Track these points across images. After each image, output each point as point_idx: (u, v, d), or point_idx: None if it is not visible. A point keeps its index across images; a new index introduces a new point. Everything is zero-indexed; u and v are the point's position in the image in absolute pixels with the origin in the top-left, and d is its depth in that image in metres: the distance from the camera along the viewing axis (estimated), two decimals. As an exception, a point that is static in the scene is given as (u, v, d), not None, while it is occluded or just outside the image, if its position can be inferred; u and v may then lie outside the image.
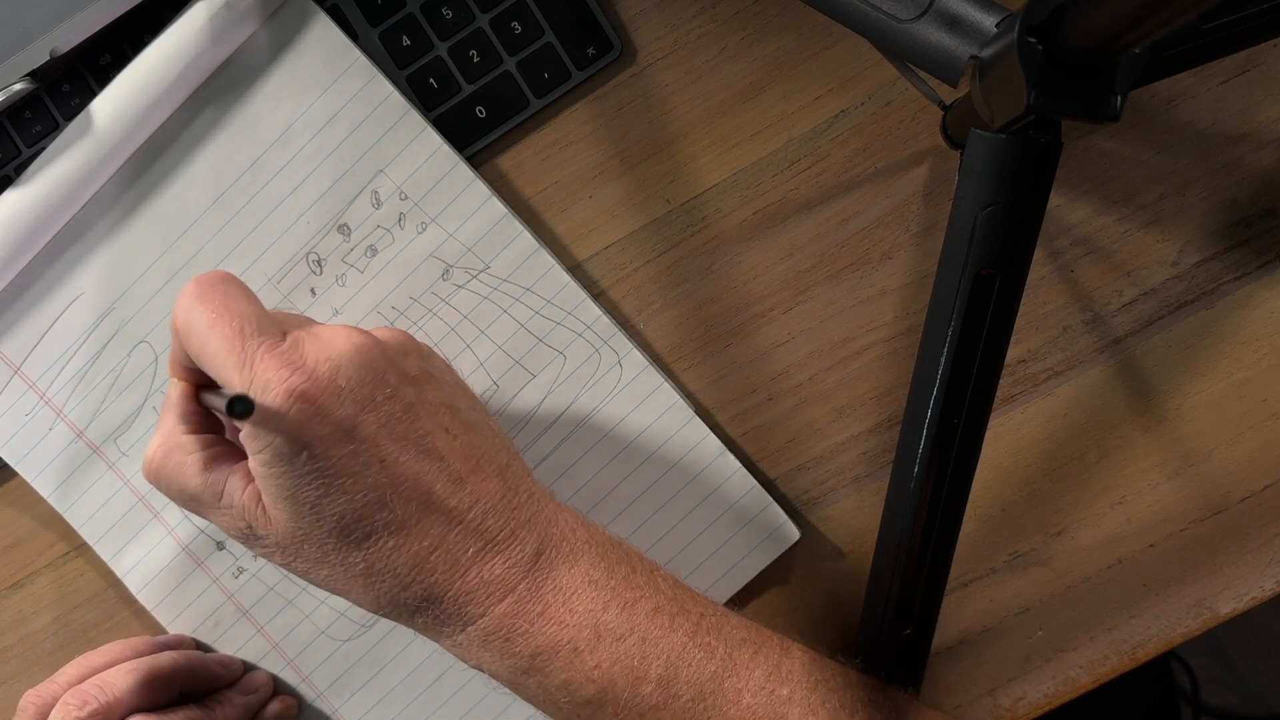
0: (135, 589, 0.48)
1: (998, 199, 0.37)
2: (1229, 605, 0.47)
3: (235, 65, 0.45)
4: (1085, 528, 0.47)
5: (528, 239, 0.46)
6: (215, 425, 0.40)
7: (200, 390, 0.40)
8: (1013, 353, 0.46)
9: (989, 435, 0.41)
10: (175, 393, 0.40)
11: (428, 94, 0.46)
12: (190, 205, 0.46)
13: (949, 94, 0.44)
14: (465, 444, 0.38)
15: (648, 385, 0.47)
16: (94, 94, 0.44)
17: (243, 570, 0.48)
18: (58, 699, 0.43)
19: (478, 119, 0.46)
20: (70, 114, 0.46)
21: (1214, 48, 0.41)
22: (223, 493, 0.38)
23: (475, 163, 0.46)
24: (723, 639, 0.40)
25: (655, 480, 0.47)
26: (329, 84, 0.45)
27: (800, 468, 0.47)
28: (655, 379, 0.47)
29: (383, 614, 0.39)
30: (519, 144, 0.47)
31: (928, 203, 0.46)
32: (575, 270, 0.47)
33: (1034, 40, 0.32)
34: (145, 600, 0.48)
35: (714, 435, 0.47)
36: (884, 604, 0.43)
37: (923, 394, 0.40)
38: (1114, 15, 0.28)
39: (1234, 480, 0.47)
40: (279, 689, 0.48)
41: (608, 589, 0.39)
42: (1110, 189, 0.46)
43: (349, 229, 0.46)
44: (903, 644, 0.44)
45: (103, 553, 0.48)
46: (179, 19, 0.44)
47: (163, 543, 0.47)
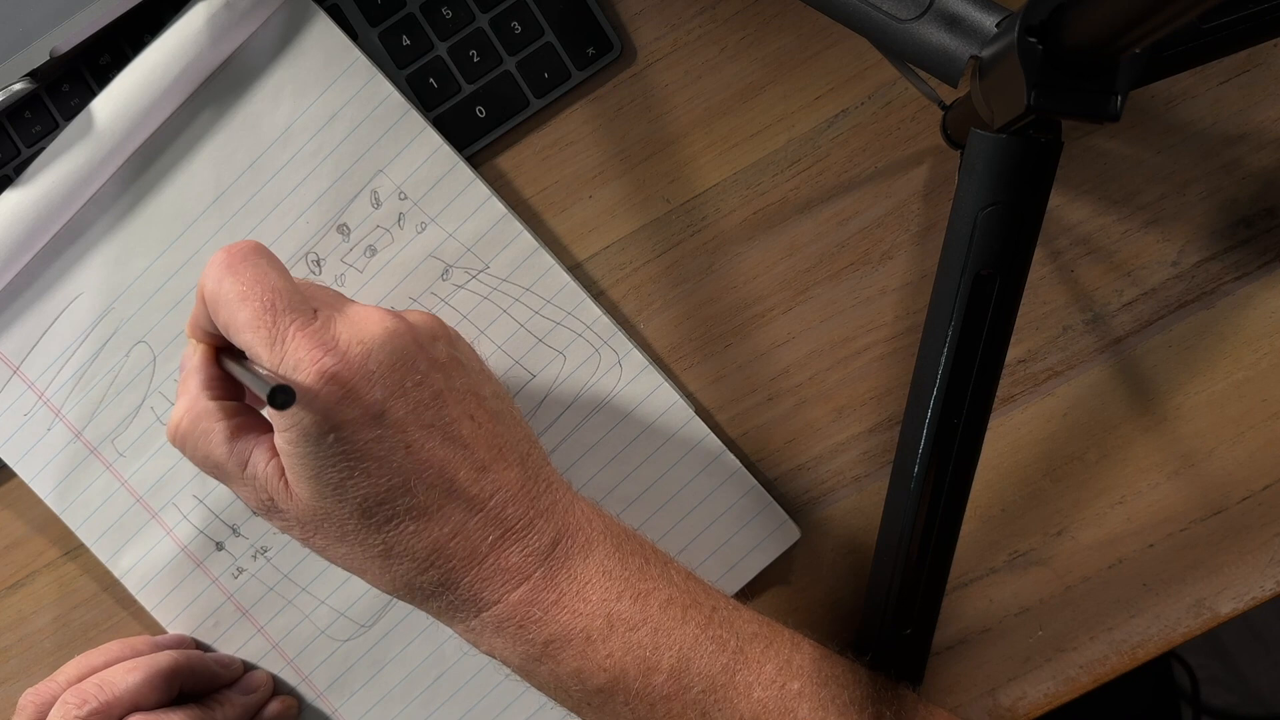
0: (134, 589, 0.48)
1: (998, 199, 0.37)
2: (1229, 605, 0.47)
3: (235, 65, 0.45)
4: (1085, 528, 0.47)
5: (527, 239, 0.46)
6: (237, 390, 0.40)
7: (221, 354, 0.39)
8: (1013, 353, 0.46)
9: (989, 435, 0.41)
10: (197, 357, 0.39)
11: (427, 94, 0.46)
12: (189, 205, 0.46)
13: (949, 94, 0.44)
14: (489, 432, 0.38)
15: (648, 385, 0.47)
16: (94, 94, 0.44)
17: (242, 570, 0.48)
18: (57, 698, 0.43)
19: (477, 119, 0.46)
20: (70, 114, 0.46)
21: (1214, 48, 0.41)
22: (247, 463, 0.38)
23: (475, 163, 0.46)
24: (734, 632, 0.40)
25: (655, 480, 0.47)
26: (329, 84, 0.45)
27: (800, 468, 0.47)
28: (655, 379, 0.46)
29: (397, 595, 0.39)
30: (519, 144, 0.47)
31: (928, 203, 0.46)
32: (575, 270, 0.47)
33: (1034, 40, 0.32)
34: (144, 600, 0.48)
35: (714, 435, 0.47)
36: (884, 604, 0.43)
37: (923, 394, 0.40)
38: (1114, 15, 0.28)
39: (1234, 480, 0.47)
40: (279, 689, 0.48)
41: (621, 579, 0.39)
42: (1110, 189, 0.46)
43: (348, 229, 0.46)
44: (903, 644, 0.44)
45: (100, 553, 0.48)
46: (179, 19, 0.44)
47: (161, 543, 0.47)
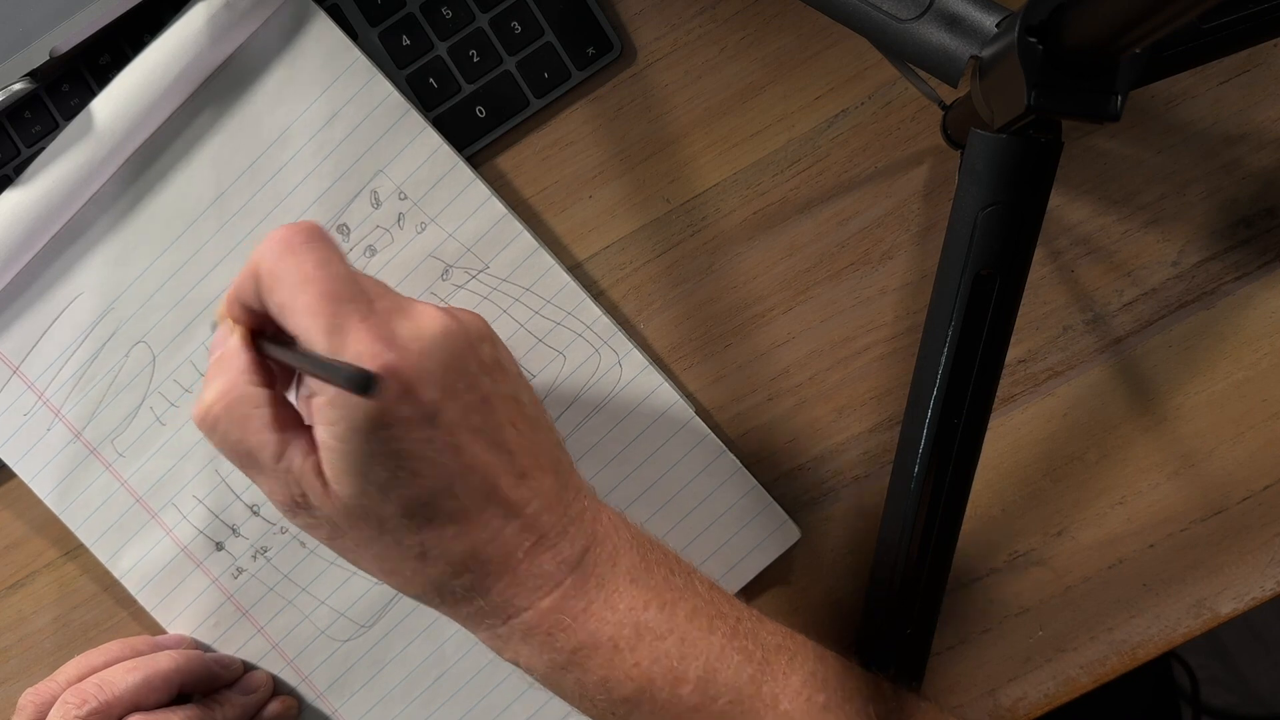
0: (134, 589, 0.48)
1: (998, 199, 0.37)
2: (1229, 605, 0.47)
3: (235, 65, 0.45)
4: (1085, 528, 0.47)
5: (527, 239, 0.46)
6: (272, 379, 0.38)
7: (259, 338, 0.38)
8: (1013, 353, 0.46)
9: (989, 435, 0.41)
10: (235, 338, 0.38)
11: (427, 94, 0.46)
12: (189, 205, 0.46)
13: (949, 94, 0.44)
14: (528, 439, 0.38)
15: (648, 385, 0.46)
16: (93, 94, 0.44)
17: (242, 570, 0.48)
18: (57, 697, 0.43)
19: (477, 119, 0.46)
20: (70, 114, 0.46)
21: (1214, 48, 0.41)
22: (282, 455, 0.36)
23: (475, 163, 0.46)
24: (760, 644, 0.40)
25: (655, 480, 0.47)
26: (329, 84, 0.45)
27: (800, 468, 0.47)
28: (655, 379, 0.46)
29: (424, 598, 0.38)
30: (519, 144, 0.47)
31: (928, 203, 0.46)
32: (575, 270, 0.47)
33: (1034, 40, 0.32)
34: (144, 601, 0.48)
35: (714, 435, 0.47)
36: (884, 604, 0.43)
37: (923, 394, 0.40)
38: (1114, 15, 0.28)
39: (1234, 480, 0.47)
40: (279, 689, 0.48)
41: (649, 588, 0.39)
42: (1110, 189, 0.46)
43: (348, 229, 0.46)
44: (903, 644, 0.44)
45: (100, 553, 0.47)
46: (179, 19, 0.44)
47: (161, 543, 0.47)
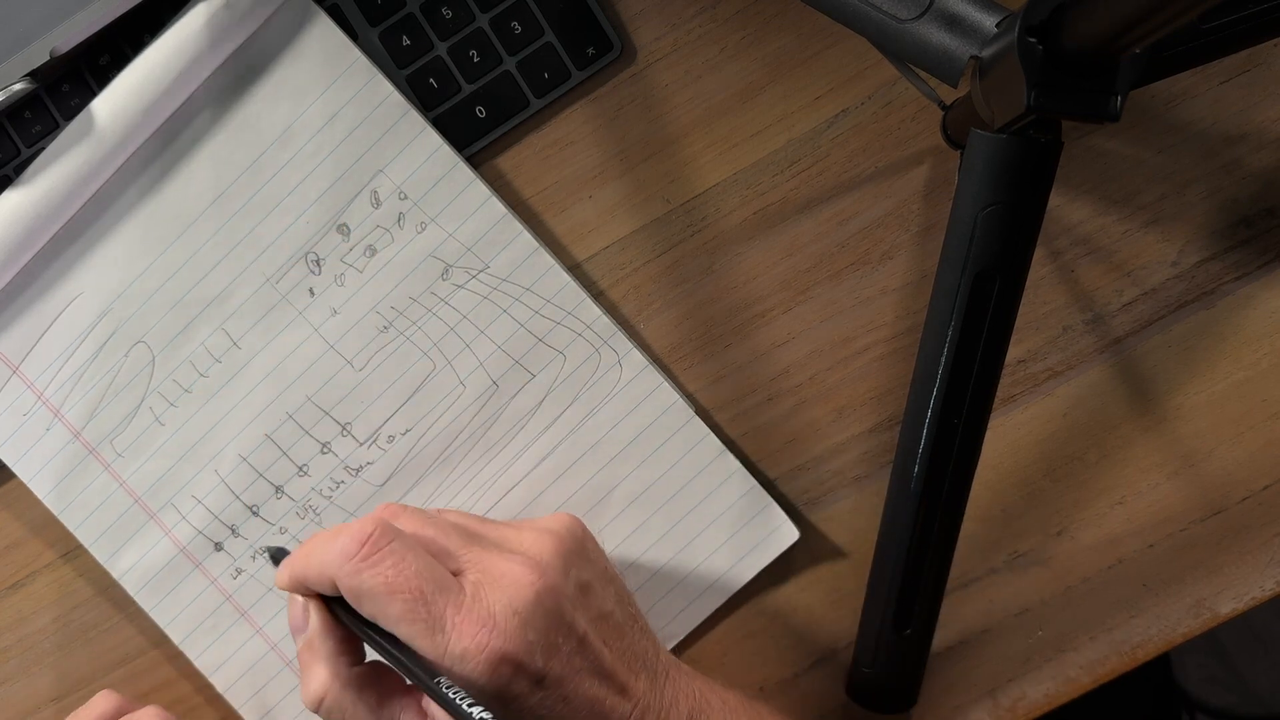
0: (133, 590, 0.48)
1: (998, 199, 0.37)
2: (1229, 605, 0.47)
3: (235, 65, 0.45)
4: (1085, 528, 0.47)
5: (527, 239, 0.46)
6: (359, 647, 0.40)
7: (332, 606, 0.39)
8: (1013, 353, 0.46)
9: (989, 435, 0.41)
10: (316, 619, 0.39)
11: (427, 94, 0.46)
12: (189, 205, 0.46)
13: (949, 94, 0.44)
14: (622, 651, 0.40)
15: (648, 385, 0.46)
16: (94, 94, 0.44)
17: (241, 571, 0.48)
18: None
19: (477, 119, 0.46)
20: (70, 114, 0.46)
21: (1214, 48, 0.41)
22: None
23: (475, 163, 0.46)
24: None
25: (655, 480, 0.47)
26: (329, 84, 0.45)
27: (800, 468, 0.47)
28: (655, 379, 0.46)
29: None
30: (519, 144, 0.47)
31: (928, 203, 0.46)
32: (575, 270, 0.47)
33: (1034, 40, 0.32)
34: (143, 601, 0.48)
35: (714, 435, 0.47)
36: (884, 604, 0.43)
37: (923, 394, 0.40)
38: (1114, 15, 0.28)
39: (1234, 480, 0.47)
40: (279, 690, 0.48)
41: None
42: (1110, 189, 0.46)
43: (348, 229, 0.46)
44: (903, 644, 0.44)
45: (98, 554, 0.47)
46: (179, 19, 0.43)
47: (160, 544, 0.47)
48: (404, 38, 0.45)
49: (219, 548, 0.48)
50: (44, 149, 0.44)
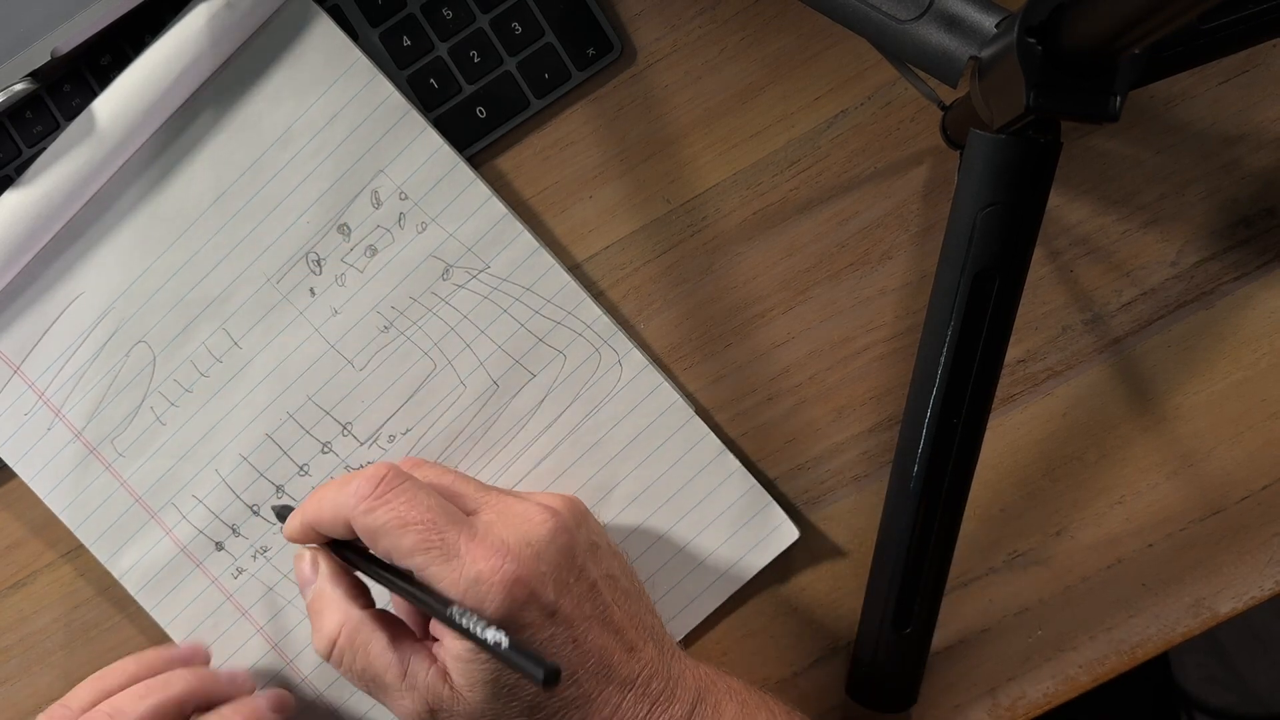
0: (133, 590, 0.48)
1: (997, 199, 0.37)
2: (1228, 605, 0.47)
3: (235, 65, 0.45)
4: (1085, 527, 0.47)
5: (528, 239, 0.46)
6: (367, 590, 0.41)
7: (340, 551, 0.40)
8: (1013, 353, 0.46)
9: (989, 435, 0.41)
10: (325, 565, 0.40)
11: (428, 94, 0.46)
12: (190, 205, 0.46)
13: (949, 94, 0.44)
14: (631, 613, 0.40)
15: (648, 385, 0.47)
16: (95, 94, 0.44)
17: (242, 570, 0.48)
18: None
19: (478, 119, 0.46)
20: (71, 114, 0.46)
21: (1214, 48, 0.41)
22: (406, 672, 0.38)
23: (475, 163, 0.46)
24: None
25: (655, 480, 0.47)
26: (329, 84, 0.45)
27: (800, 468, 0.48)
28: (655, 379, 0.47)
29: None
30: (519, 144, 0.47)
31: (928, 203, 0.46)
32: (575, 270, 0.47)
33: (1034, 40, 0.32)
34: (144, 601, 0.48)
35: (714, 435, 0.47)
36: (884, 603, 0.44)
37: (923, 394, 0.40)
38: (1114, 15, 0.28)
39: (1233, 480, 0.47)
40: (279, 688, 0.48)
41: None
42: (1110, 189, 0.46)
43: (349, 229, 0.46)
44: (902, 643, 0.44)
45: (99, 553, 0.47)
46: (179, 19, 0.44)
47: (160, 543, 0.47)
48: (404, 38, 0.45)
49: (220, 547, 0.48)
50: (45, 149, 0.44)
